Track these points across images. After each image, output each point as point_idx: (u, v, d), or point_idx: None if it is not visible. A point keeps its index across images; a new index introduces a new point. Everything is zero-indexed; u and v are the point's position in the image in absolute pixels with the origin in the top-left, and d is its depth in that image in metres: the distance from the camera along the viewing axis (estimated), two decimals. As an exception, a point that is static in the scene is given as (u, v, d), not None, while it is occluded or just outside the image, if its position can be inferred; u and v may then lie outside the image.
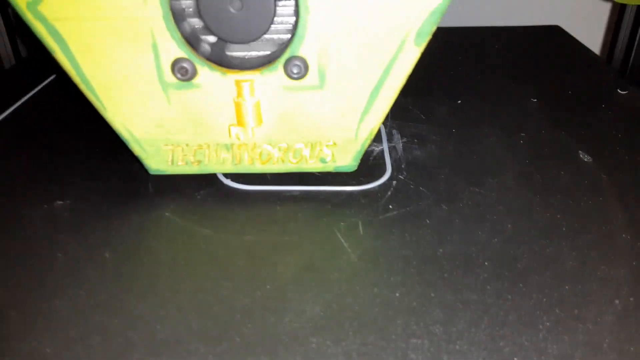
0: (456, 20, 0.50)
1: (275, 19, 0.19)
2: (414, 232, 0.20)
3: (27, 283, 0.18)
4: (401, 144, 0.26)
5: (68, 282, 0.18)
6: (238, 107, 0.20)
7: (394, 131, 0.27)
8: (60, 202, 0.22)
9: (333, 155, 0.22)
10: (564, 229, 0.20)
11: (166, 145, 0.21)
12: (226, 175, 0.23)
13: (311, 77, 0.20)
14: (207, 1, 0.18)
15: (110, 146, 0.25)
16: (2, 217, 0.21)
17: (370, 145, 0.26)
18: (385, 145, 0.26)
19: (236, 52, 0.20)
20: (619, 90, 0.32)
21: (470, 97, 0.31)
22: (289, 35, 0.19)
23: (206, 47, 0.20)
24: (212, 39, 0.20)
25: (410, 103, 0.30)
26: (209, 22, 0.19)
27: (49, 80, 0.34)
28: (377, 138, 0.26)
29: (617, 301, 0.17)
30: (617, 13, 0.46)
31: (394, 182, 0.23)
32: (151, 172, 0.22)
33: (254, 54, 0.20)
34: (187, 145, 0.21)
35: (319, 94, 0.20)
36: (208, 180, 0.23)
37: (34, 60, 0.38)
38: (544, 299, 0.17)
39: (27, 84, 0.33)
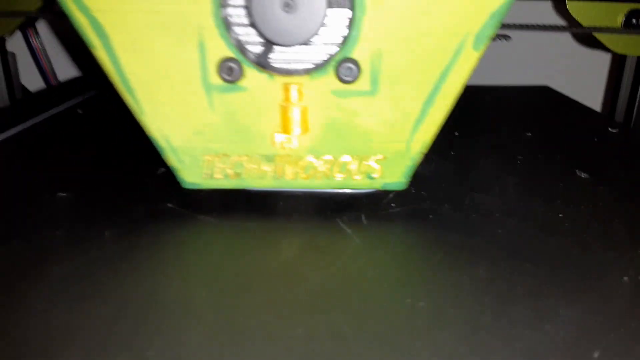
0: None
1: (327, 19, 0.18)
2: (418, 223, 0.20)
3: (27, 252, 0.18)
4: None
5: (66, 254, 0.17)
6: (284, 112, 0.19)
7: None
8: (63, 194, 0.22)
9: (382, 170, 0.20)
10: (566, 224, 0.20)
11: (204, 155, 0.20)
12: None
13: (363, 81, 0.19)
14: (256, 2, 0.18)
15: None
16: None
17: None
18: None
19: (285, 54, 0.19)
20: (609, 128, 0.33)
21: (466, 131, 0.32)
22: (341, 38, 0.18)
23: (254, 49, 0.19)
24: (260, 40, 0.19)
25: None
26: (258, 23, 0.18)
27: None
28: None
29: (625, 278, 0.16)
30: (617, 68, 0.46)
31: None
32: (185, 186, 0.21)
33: (304, 56, 0.19)
34: (225, 155, 0.20)
35: (370, 101, 0.19)
36: None
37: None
38: (547, 278, 0.16)
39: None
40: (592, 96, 0.53)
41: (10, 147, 0.28)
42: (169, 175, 0.21)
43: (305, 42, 0.18)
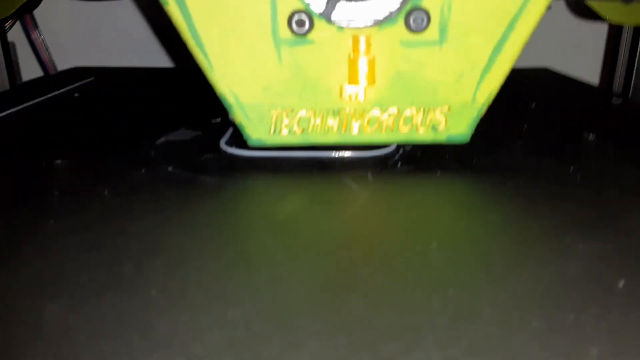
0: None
1: (397, -30, 0.18)
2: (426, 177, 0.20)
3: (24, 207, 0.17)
4: None
5: (63, 211, 0.17)
6: (353, 63, 0.19)
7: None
8: (59, 162, 0.21)
9: (446, 122, 0.20)
10: (578, 177, 0.20)
11: (270, 110, 0.20)
12: (229, 143, 0.23)
13: (432, 31, 0.19)
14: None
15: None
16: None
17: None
18: None
19: (355, 5, 0.19)
20: (613, 100, 0.32)
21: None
22: (411, -13, 0.19)
23: (324, 1, 0.19)
24: (329, -7, 0.19)
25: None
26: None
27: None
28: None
29: None
30: (614, 39, 0.45)
31: (401, 150, 0.23)
32: (251, 143, 0.21)
33: (374, 6, 0.19)
34: (292, 110, 0.20)
35: (438, 51, 0.19)
36: (210, 149, 0.23)
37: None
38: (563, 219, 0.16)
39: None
40: (589, 69, 0.53)
41: (10, 124, 0.28)
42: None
43: (374, -6, 0.18)
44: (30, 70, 0.47)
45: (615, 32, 0.43)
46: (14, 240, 0.15)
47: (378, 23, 0.19)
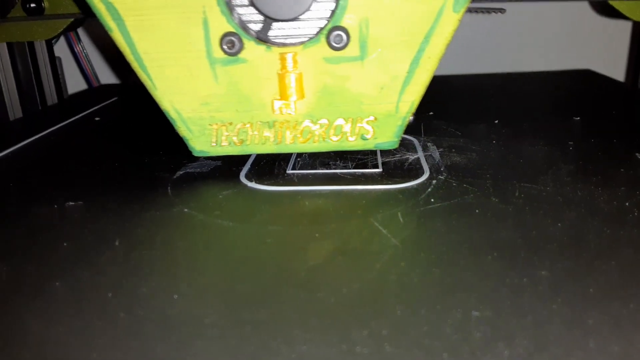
0: (479, 67, 0.52)
1: (318, -7, 0.20)
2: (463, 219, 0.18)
3: (31, 266, 0.16)
4: (438, 153, 0.25)
5: (73, 265, 0.16)
6: (282, 79, 0.21)
7: (429, 144, 0.26)
8: (72, 203, 0.21)
9: (374, 131, 0.22)
10: (636, 213, 0.18)
11: (210, 124, 0.22)
12: (249, 178, 0.23)
13: (352, 47, 0.20)
14: (254, -18, 0.20)
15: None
16: (11, 213, 0.20)
17: (402, 154, 0.25)
18: (420, 154, 0.25)
19: (282, 27, 0.21)
20: None
21: (507, 119, 0.30)
22: (331, 7, 0.20)
23: (253, 25, 0.21)
24: (259, 16, 0.21)
25: (444, 124, 0.30)
26: (256, 2, 0.20)
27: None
28: (411, 148, 0.26)
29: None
30: (638, 36, 0.46)
31: (434, 181, 0.21)
32: (195, 154, 0.23)
33: (298, 29, 0.21)
34: (230, 123, 0.22)
35: (360, 66, 0.21)
36: (231, 183, 0.22)
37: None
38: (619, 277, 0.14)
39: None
40: (615, 67, 0.53)
41: (29, 152, 0.30)
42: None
43: (300, 15, 0.20)
44: (74, 82, 0.50)
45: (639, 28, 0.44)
46: (16, 302, 0.14)
47: (302, 42, 0.20)
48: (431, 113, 0.32)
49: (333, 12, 0.20)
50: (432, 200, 0.19)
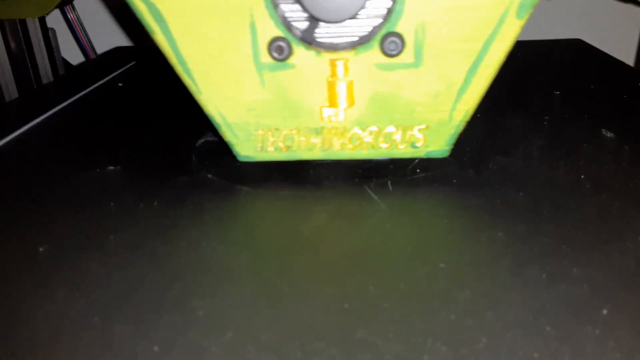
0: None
1: (372, -5, 0.19)
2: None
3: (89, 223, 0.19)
4: None
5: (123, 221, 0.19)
6: (331, 87, 0.20)
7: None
8: (112, 168, 0.24)
9: (425, 139, 0.21)
10: (587, 186, 0.20)
11: (256, 130, 0.21)
12: None
13: (407, 54, 0.19)
14: (303, -18, 0.19)
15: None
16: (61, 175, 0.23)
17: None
18: None
19: (331, 30, 0.20)
20: None
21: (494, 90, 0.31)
22: (385, 12, 0.19)
23: (301, 27, 0.20)
24: (307, 18, 0.20)
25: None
26: (304, 2, 0.19)
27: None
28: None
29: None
30: None
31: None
32: (240, 159, 0.22)
33: (349, 32, 0.20)
34: (276, 129, 0.21)
35: (414, 73, 0.20)
36: None
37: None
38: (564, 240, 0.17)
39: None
40: (625, 51, 0.52)
41: (57, 122, 0.30)
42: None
43: (351, 17, 0.19)
44: (70, 52, 0.49)
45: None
46: (80, 246, 0.17)
47: (354, 47, 0.19)
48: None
49: (387, 16, 0.19)
50: (418, 170, 0.22)
